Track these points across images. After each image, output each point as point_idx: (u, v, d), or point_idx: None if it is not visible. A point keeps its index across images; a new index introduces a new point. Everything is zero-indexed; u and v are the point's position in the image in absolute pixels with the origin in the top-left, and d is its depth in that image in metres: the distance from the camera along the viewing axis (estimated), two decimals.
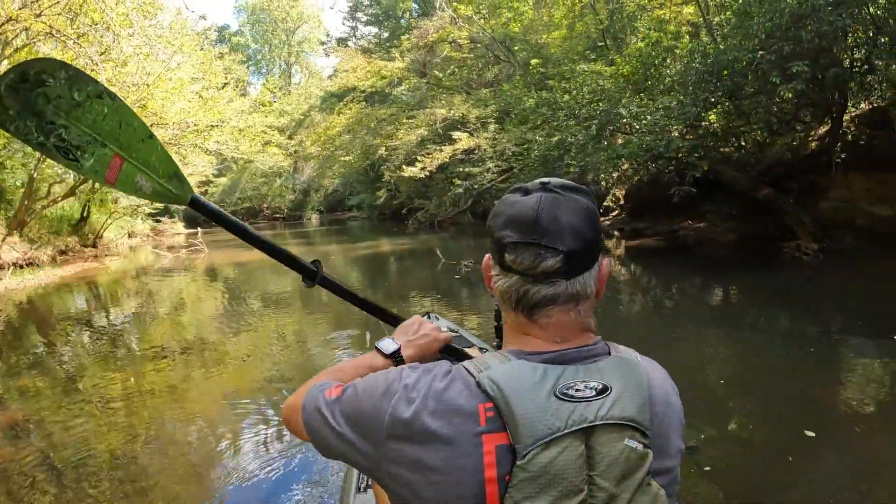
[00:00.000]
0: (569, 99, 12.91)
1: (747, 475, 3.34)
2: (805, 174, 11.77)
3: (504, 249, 0.96)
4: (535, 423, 0.86)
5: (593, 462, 0.88)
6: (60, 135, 1.30)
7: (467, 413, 0.90)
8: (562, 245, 0.93)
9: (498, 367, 0.93)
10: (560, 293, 0.96)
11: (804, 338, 6.04)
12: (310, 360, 6.43)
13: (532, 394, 0.88)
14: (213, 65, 18.69)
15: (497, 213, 1.01)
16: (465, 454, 0.88)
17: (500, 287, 1.00)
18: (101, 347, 7.66)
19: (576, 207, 0.96)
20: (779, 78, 8.83)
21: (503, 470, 0.87)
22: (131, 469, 3.82)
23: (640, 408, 0.91)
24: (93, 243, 22.36)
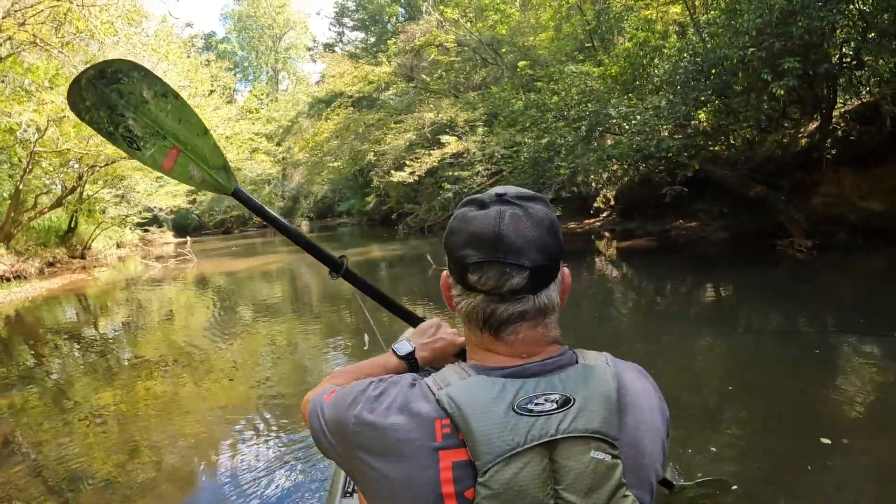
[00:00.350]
0: (557, 100, 12.86)
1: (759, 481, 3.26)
2: (795, 171, 11.74)
3: (467, 270, 0.95)
4: (494, 440, 0.85)
5: (559, 476, 0.87)
6: (128, 126, 1.53)
7: (425, 429, 0.90)
8: (527, 261, 0.92)
9: (457, 383, 0.92)
10: (528, 309, 0.95)
11: (804, 337, 5.98)
12: (300, 369, 6.41)
13: (490, 410, 0.87)
14: (199, 72, 18.54)
15: (454, 230, 0.98)
16: (421, 468, 0.88)
17: (465, 308, 0.99)
18: (91, 360, 7.52)
19: (536, 219, 0.95)
20: (770, 75, 8.80)
21: (462, 486, 0.87)
22: (121, 481, 3.79)
23: (605, 418, 0.89)
24: (81, 254, 22.21)
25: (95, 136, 14.62)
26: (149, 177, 23.72)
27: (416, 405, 0.92)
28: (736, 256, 11.27)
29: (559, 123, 12.79)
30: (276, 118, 46.23)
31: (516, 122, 15.33)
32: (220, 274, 16.94)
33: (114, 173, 21.39)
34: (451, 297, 1.03)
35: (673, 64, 11.57)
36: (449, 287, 1.04)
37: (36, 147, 14.57)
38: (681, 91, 10.44)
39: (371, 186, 31.61)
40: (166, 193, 27.18)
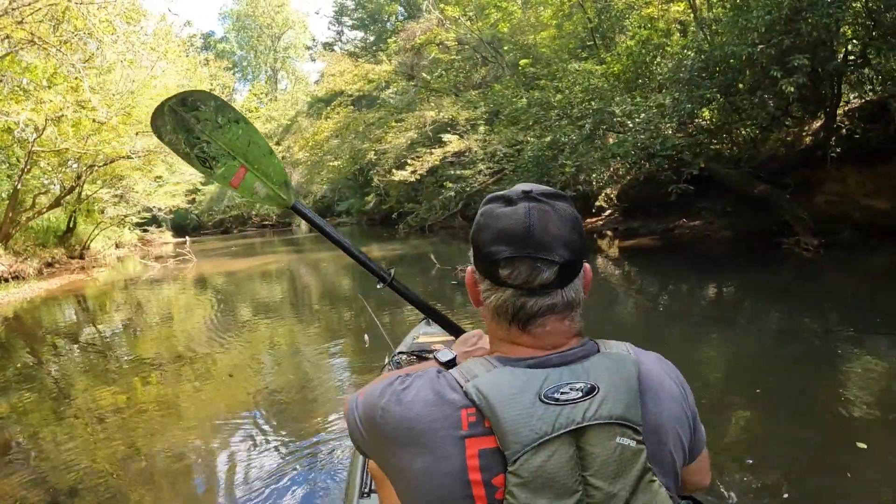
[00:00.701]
0: (561, 98, 12.75)
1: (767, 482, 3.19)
2: (799, 169, 11.68)
3: (497, 265, 0.97)
4: (522, 429, 0.87)
5: (586, 463, 0.88)
6: (203, 148, 1.72)
7: (450, 418, 0.91)
8: (557, 256, 0.95)
9: (483, 374, 0.94)
10: (557, 303, 0.98)
11: (814, 336, 5.90)
12: (301, 369, 6.31)
13: (517, 399, 0.89)
14: (198, 70, 18.41)
15: (483, 226, 1.00)
16: (448, 457, 0.90)
17: (494, 302, 1.00)
18: (90, 362, 7.40)
19: (563, 216, 0.97)
20: (779, 71, 8.69)
21: (490, 473, 0.88)
22: (122, 484, 3.73)
23: (628, 405, 0.91)
24: (80, 255, 22.08)
25: (94, 135, 14.66)
26: (147, 176, 23.62)
27: (442, 395, 0.94)
28: (741, 255, 11.18)
29: (562, 122, 12.69)
30: (275, 117, 46.10)
31: (519, 121, 15.22)
32: (219, 274, 16.83)
33: (112, 173, 21.29)
34: (478, 293, 1.05)
35: (677, 62, 11.49)
36: (475, 283, 1.05)
37: (34, 146, 14.44)
38: (686, 89, 10.33)
39: (371, 186, 31.51)
40: (165, 193, 27.08)
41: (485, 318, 1.06)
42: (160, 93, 15.73)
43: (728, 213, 13.39)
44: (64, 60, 13.08)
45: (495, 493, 0.88)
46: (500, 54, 21.94)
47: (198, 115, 1.72)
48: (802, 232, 10.72)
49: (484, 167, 19.57)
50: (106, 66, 14.74)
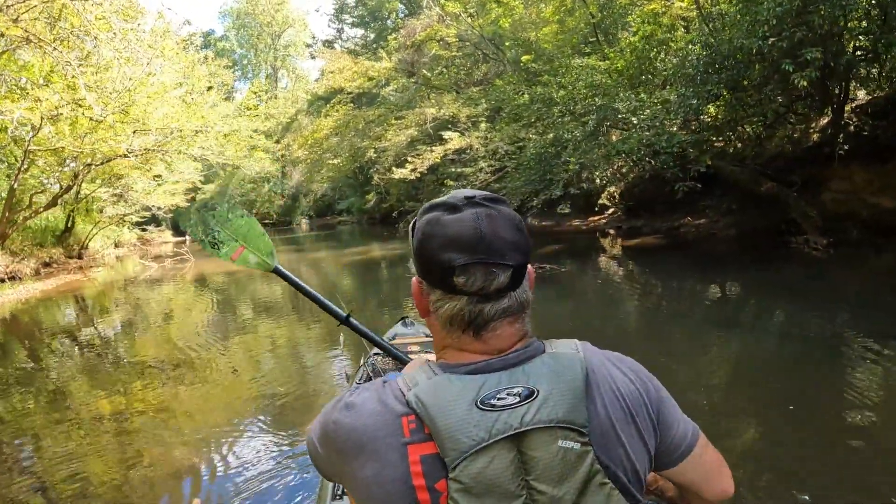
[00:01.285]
0: (564, 94, 12.52)
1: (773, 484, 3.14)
2: (804, 167, 11.52)
3: (452, 273, 0.95)
4: (459, 436, 0.87)
5: (528, 467, 0.88)
6: (215, 235, 2.26)
7: (393, 426, 0.92)
8: (510, 260, 0.94)
9: (424, 382, 0.94)
10: (511, 305, 0.97)
11: (824, 338, 5.70)
12: (295, 371, 6.27)
13: (454, 407, 0.89)
14: (195, 68, 18.20)
15: (429, 235, 0.98)
16: (391, 464, 0.90)
17: (448, 311, 0.98)
18: (86, 364, 7.27)
19: (509, 220, 0.98)
20: (791, 65, 8.46)
21: (432, 479, 0.88)
22: (115, 485, 3.78)
23: (571, 406, 0.90)
24: (78, 254, 21.92)
25: (90, 133, 14.47)
26: (146, 175, 23.47)
27: (386, 404, 0.94)
28: (747, 254, 10.96)
29: (565, 118, 12.48)
30: (274, 115, 45.94)
31: (521, 117, 15.01)
32: (217, 274, 16.60)
33: (111, 172, 21.13)
34: (427, 304, 1.02)
35: (682, 57, 11.28)
36: (423, 293, 1.03)
37: (30, 145, 14.26)
38: (692, 84, 10.11)
39: (371, 184, 31.40)
40: (164, 192, 26.88)
41: (431, 328, 1.05)
42: (157, 91, 15.59)
43: (733, 211, 13.20)
44: (60, 58, 12.90)
45: (440, 498, 0.88)
46: (502, 51, 21.72)
47: (215, 214, 2.28)
48: (811, 231, 10.54)
49: (486, 165, 19.38)
50: (103, 64, 14.55)
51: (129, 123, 15.02)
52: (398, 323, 4.40)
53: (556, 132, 12.58)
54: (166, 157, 19.54)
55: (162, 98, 15.82)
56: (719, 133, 11.36)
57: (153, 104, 15.39)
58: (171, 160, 21.10)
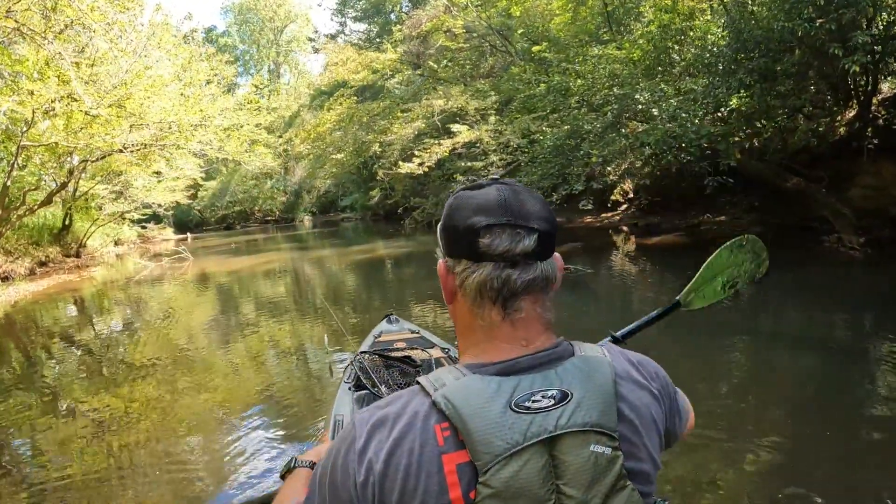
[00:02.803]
0: (581, 84, 11.87)
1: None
2: (830, 161, 10.99)
3: (478, 235, 0.94)
4: (493, 439, 0.85)
5: (559, 471, 0.87)
6: None
7: (423, 435, 0.88)
8: (536, 223, 0.94)
9: (452, 383, 0.91)
10: (537, 276, 0.95)
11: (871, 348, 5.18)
12: (296, 370, 6.28)
13: (487, 409, 0.87)
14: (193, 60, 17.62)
15: (456, 208, 0.99)
16: (428, 475, 0.86)
17: (475, 280, 0.95)
18: (76, 367, 7.03)
19: (532, 194, 0.99)
20: (841, 49, 7.80)
21: (467, 487, 0.86)
22: (116, 486, 3.78)
23: (603, 411, 0.90)
24: (76, 253, 21.49)
25: (85, 128, 13.99)
26: (145, 172, 23.04)
27: (411, 416, 0.90)
28: (778, 254, 10.23)
29: (582, 109, 11.85)
30: (276, 109, 45.59)
31: (535, 108, 14.38)
32: (214, 274, 16.09)
33: (109, 168, 20.74)
34: (453, 282, 0.99)
35: (701, 47, 10.69)
36: (448, 272, 1.00)
37: (24, 140, 13.77)
38: (723, 72, 9.48)
39: (375, 180, 31.00)
40: (164, 189, 26.45)
41: (457, 318, 1.02)
42: (155, 83, 15.09)
43: (756, 208, 12.62)
44: (54, 51, 12.43)
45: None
46: (510, 42, 21.14)
47: None
48: (843, 229, 9.95)
49: (497, 158, 18.79)
50: (98, 56, 14.09)
51: (125, 118, 14.52)
52: (383, 320, 4.38)
53: (573, 123, 11.92)
54: (164, 153, 19.05)
55: (159, 91, 15.30)
56: (748, 125, 10.65)
57: (150, 98, 14.86)
58: (169, 155, 20.64)
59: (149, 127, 15.36)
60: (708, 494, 3.17)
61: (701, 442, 3.58)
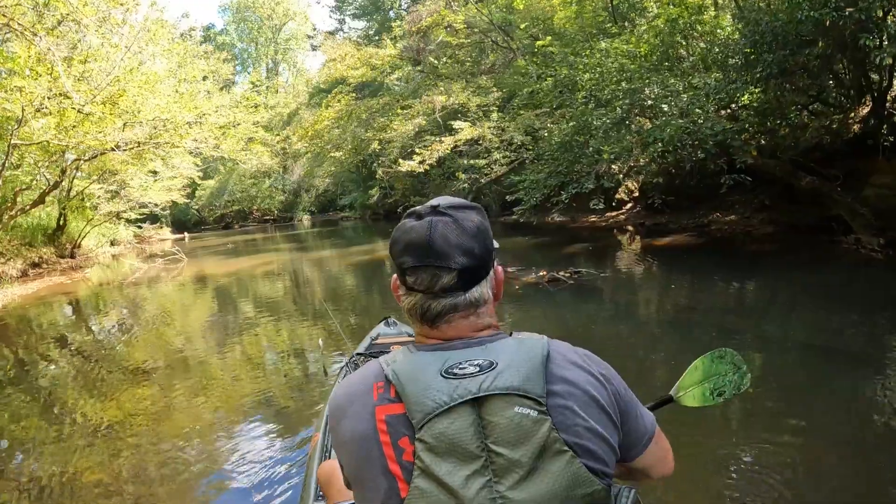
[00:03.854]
0: (589, 78, 11.47)
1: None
2: (843, 159, 10.64)
3: (405, 273, 1.11)
4: (424, 400, 0.99)
5: (487, 431, 0.98)
6: None
7: (366, 392, 1.07)
8: (454, 263, 1.07)
9: (401, 358, 1.08)
10: (459, 303, 1.10)
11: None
12: (292, 371, 6.26)
13: (422, 375, 1.02)
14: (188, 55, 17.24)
15: (395, 240, 1.14)
16: (363, 421, 1.04)
17: (407, 304, 1.14)
18: (64, 373, 6.86)
19: (464, 227, 1.10)
20: (872, 40, 7.39)
21: (396, 436, 1.00)
22: (113, 489, 3.77)
23: (526, 377, 1.00)
24: (70, 253, 21.07)
25: (79, 126, 13.62)
26: (141, 171, 22.66)
27: (362, 377, 1.11)
28: (793, 255, 9.81)
29: (590, 105, 11.44)
30: (272, 105, 45.23)
31: (541, 104, 13.97)
32: (209, 276, 15.67)
33: (103, 167, 20.38)
34: (400, 297, 1.17)
35: (712, 40, 10.31)
36: (397, 287, 1.17)
37: (14, 139, 13.38)
38: (738, 67, 9.08)
39: (374, 179, 30.71)
40: (161, 188, 26.07)
41: None
42: (147, 79, 14.72)
43: (766, 207, 12.26)
44: (45, 48, 12.07)
45: (402, 455, 0.99)
46: (512, 38, 20.76)
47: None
48: (860, 229, 9.59)
49: (500, 156, 18.38)
50: (90, 53, 13.73)
51: (118, 115, 14.14)
52: (381, 322, 4.46)
53: (581, 119, 11.50)
54: (159, 152, 18.64)
55: (153, 88, 14.91)
56: (765, 121, 10.23)
57: (144, 95, 14.47)
58: (164, 154, 20.25)
59: (142, 125, 14.96)
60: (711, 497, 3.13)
61: (706, 445, 3.59)
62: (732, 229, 12.53)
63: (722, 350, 1.98)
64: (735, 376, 1.96)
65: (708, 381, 1.93)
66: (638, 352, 5.72)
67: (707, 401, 1.90)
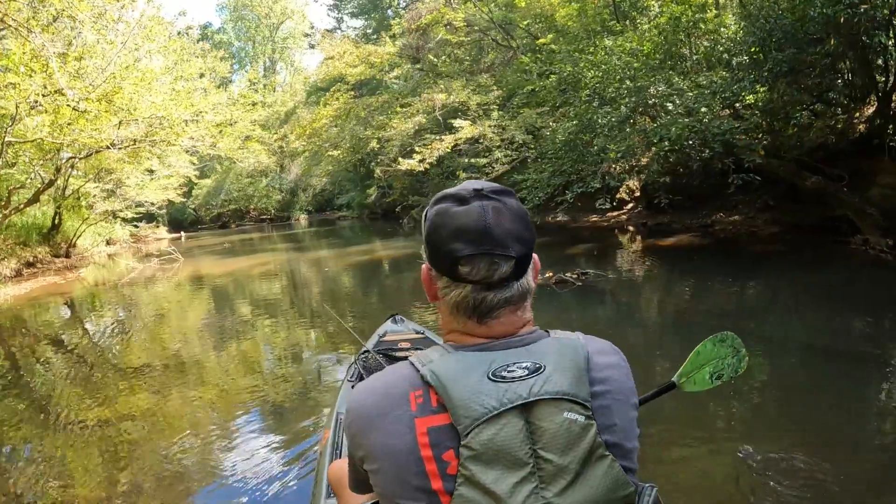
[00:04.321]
0: (593, 76, 11.27)
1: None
2: (849, 159, 10.52)
3: (458, 263, 1.02)
4: (471, 405, 0.93)
5: (536, 436, 0.94)
6: None
7: (400, 401, 0.99)
8: (513, 251, 1.01)
9: (438, 359, 1.01)
10: (513, 294, 1.05)
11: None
12: (292, 371, 6.16)
13: (467, 379, 0.96)
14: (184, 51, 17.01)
15: (438, 225, 1.05)
16: (399, 436, 0.96)
17: (454, 298, 1.05)
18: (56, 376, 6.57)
19: (514, 213, 1.05)
20: (890, 37, 7.21)
21: (440, 450, 0.94)
22: (109, 492, 3.66)
23: (574, 381, 0.97)
24: (66, 253, 20.86)
25: (74, 123, 13.43)
26: (137, 169, 22.47)
27: (391, 383, 1.03)
28: (799, 256, 9.63)
29: (593, 103, 11.27)
30: (269, 102, 45.06)
31: (544, 102, 13.76)
32: (205, 277, 15.42)
33: (99, 165, 20.17)
34: (436, 289, 1.10)
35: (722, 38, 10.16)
36: (431, 280, 1.11)
37: (8, 137, 13.19)
38: (746, 65, 8.92)
39: (372, 178, 30.59)
40: (157, 187, 25.86)
41: (440, 311, 1.13)
42: (143, 76, 14.53)
43: (770, 208, 12.11)
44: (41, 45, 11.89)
45: (447, 469, 0.93)
46: (512, 37, 20.60)
47: None
48: (868, 230, 9.44)
49: (501, 155, 18.20)
50: (85, 49, 13.54)
51: (113, 113, 13.95)
52: (388, 320, 4.35)
53: (585, 117, 11.30)
54: (155, 150, 18.44)
55: (149, 86, 14.71)
56: (771, 120, 10.06)
57: (140, 92, 14.27)
58: (161, 152, 20.06)
59: (138, 123, 14.76)
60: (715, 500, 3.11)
61: (711, 448, 3.58)
62: (737, 229, 12.37)
63: (724, 333, 2.00)
64: (734, 359, 1.99)
65: (708, 365, 1.96)
66: (651, 354, 5.56)
67: (706, 384, 1.93)
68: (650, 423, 3.65)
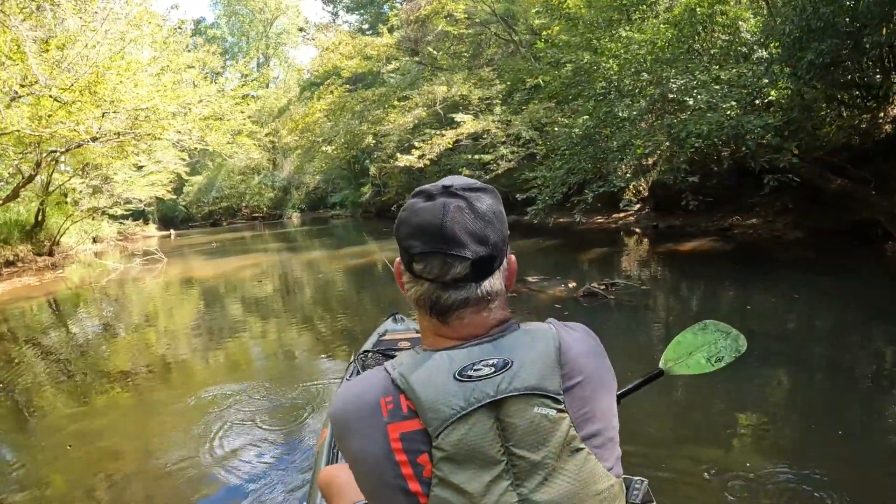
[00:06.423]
0: (610, 66, 10.49)
1: None
2: (871, 160, 10.02)
3: (412, 259, 1.01)
4: (439, 406, 0.92)
5: (507, 434, 0.93)
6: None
7: (372, 408, 0.97)
8: (468, 252, 0.97)
9: (407, 362, 1.00)
10: (471, 296, 1.00)
11: None
12: (289, 371, 6.09)
13: (434, 380, 0.94)
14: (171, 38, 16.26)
15: (403, 221, 1.04)
16: (374, 442, 0.95)
17: (413, 294, 1.04)
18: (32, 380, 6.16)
19: (480, 212, 1.00)
20: None
21: (414, 454, 0.92)
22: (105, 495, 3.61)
23: (543, 375, 0.95)
24: (49, 251, 20.14)
25: (54, 115, 12.71)
26: (124, 164, 21.75)
27: (366, 389, 1.00)
28: (831, 264, 8.85)
29: (610, 95, 10.56)
30: (261, 96, 44.47)
31: (555, 95, 13.00)
32: (187, 280, 14.58)
33: (84, 160, 19.48)
34: (403, 284, 1.08)
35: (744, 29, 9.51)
36: (401, 274, 1.08)
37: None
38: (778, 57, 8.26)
39: (367, 176, 30.13)
40: (146, 184, 25.15)
41: None
42: (130, 66, 13.82)
43: (790, 210, 11.49)
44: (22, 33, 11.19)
45: (422, 472, 0.92)
46: (514, 30, 19.95)
47: None
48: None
49: (507, 151, 17.53)
50: (68, 37, 12.83)
51: (96, 105, 13.23)
52: (388, 319, 4.32)
53: (603, 109, 10.54)
54: (141, 144, 17.66)
55: (134, 76, 13.98)
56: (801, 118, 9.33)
57: (124, 83, 13.54)
58: (147, 147, 19.34)
59: (118, 115, 14.00)
60: None
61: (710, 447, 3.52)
62: (758, 234, 11.67)
63: (703, 323, 2.02)
64: (728, 342, 1.97)
65: (699, 351, 1.95)
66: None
67: (706, 367, 1.93)
68: (646, 422, 3.73)
